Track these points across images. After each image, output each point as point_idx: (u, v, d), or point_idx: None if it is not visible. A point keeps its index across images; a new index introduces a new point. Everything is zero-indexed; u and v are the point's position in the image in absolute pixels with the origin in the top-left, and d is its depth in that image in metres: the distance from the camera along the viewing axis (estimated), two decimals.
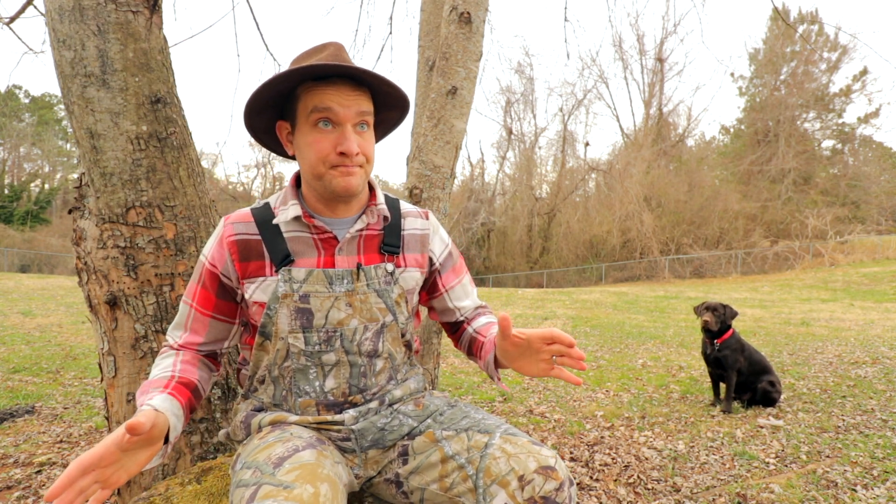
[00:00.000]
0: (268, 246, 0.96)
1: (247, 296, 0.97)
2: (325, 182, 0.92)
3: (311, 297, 0.95)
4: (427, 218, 1.12)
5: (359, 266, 0.97)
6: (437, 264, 1.11)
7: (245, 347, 1.07)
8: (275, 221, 0.96)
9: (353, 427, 0.97)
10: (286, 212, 0.96)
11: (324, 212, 0.99)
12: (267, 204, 1.01)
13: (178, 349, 1.01)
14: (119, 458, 0.75)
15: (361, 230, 1.00)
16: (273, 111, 0.98)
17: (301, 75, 0.89)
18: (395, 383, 1.05)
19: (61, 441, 2.40)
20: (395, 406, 1.03)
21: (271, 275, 0.96)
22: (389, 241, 1.03)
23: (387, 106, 1.01)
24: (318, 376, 0.97)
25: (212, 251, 0.98)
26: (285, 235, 0.97)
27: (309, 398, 0.98)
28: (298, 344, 0.95)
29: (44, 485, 1.92)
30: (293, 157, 1.01)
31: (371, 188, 1.04)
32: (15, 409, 2.81)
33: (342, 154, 0.90)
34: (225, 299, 1.00)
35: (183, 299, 1.03)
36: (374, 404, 1.00)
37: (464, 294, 1.16)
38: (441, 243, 1.13)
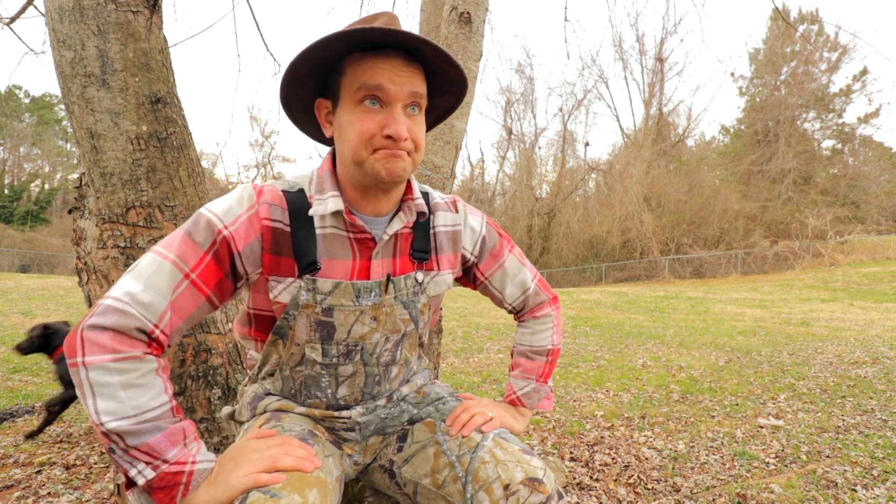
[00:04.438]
0: (296, 243, 0.83)
1: (272, 295, 0.86)
2: (367, 168, 0.80)
3: (335, 310, 0.86)
4: (456, 210, 1.00)
5: (389, 277, 0.89)
6: (473, 257, 1.03)
7: (247, 338, 0.98)
8: (310, 213, 0.83)
9: (359, 420, 0.97)
10: (324, 203, 0.83)
11: (360, 205, 0.87)
12: (301, 190, 0.86)
13: (147, 347, 0.74)
14: None
15: (398, 231, 0.90)
16: (312, 87, 0.86)
17: (348, 43, 0.77)
18: (405, 383, 1.05)
19: (61, 441, 2.40)
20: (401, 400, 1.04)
21: (299, 277, 0.85)
22: (419, 245, 0.93)
23: (441, 90, 0.88)
24: (331, 385, 0.94)
25: (239, 224, 0.80)
26: (318, 232, 0.84)
27: (318, 400, 0.95)
28: (315, 356, 0.90)
29: (44, 485, 1.92)
30: (330, 141, 0.90)
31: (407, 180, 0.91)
32: (15, 409, 2.81)
33: (389, 137, 0.78)
34: (232, 280, 0.83)
35: (171, 258, 0.77)
36: (381, 401, 1.00)
37: (507, 279, 1.06)
38: (472, 234, 1.01)
